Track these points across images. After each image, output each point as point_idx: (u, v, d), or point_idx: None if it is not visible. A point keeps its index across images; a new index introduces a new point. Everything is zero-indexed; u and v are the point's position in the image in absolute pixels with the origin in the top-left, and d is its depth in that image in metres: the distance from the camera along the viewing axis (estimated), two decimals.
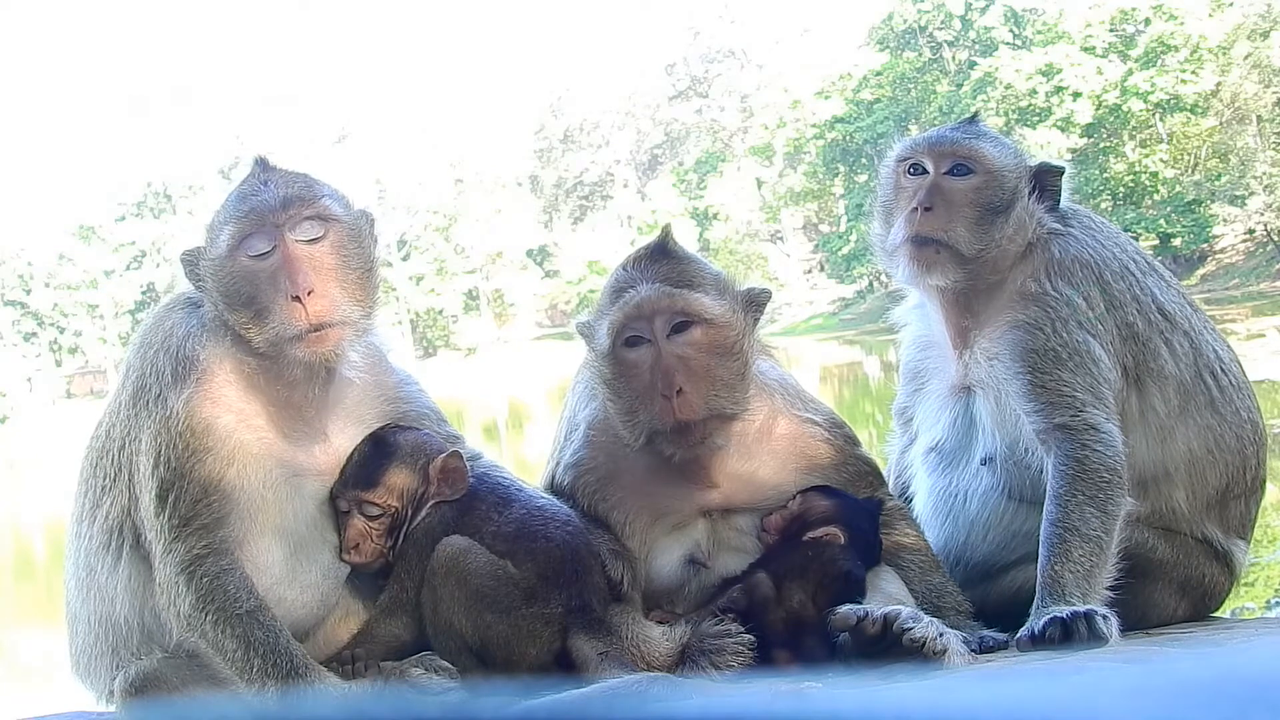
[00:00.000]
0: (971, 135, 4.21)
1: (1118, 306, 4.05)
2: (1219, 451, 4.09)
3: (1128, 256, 4.16)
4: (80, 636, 3.81)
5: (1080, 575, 3.72)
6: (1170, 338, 4.09)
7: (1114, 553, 3.81)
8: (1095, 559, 3.76)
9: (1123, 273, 4.10)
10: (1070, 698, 1.43)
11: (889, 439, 4.64)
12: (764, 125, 73.36)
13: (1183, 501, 4.07)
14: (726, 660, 3.51)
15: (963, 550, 4.20)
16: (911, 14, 66.42)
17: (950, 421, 4.22)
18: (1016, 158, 4.20)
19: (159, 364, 3.62)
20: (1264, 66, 52.16)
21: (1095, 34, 56.34)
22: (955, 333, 4.21)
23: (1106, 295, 4.05)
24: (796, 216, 73.51)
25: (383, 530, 3.70)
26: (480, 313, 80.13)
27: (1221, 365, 4.16)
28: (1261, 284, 47.81)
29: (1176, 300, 4.19)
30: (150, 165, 79.59)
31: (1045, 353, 3.95)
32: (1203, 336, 4.17)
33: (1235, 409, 4.13)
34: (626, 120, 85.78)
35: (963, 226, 4.07)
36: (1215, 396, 4.10)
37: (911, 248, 4.10)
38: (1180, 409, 4.06)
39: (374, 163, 77.11)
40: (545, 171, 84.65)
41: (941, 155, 4.15)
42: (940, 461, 4.26)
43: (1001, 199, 4.09)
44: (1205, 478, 4.08)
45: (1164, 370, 4.06)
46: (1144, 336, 4.06)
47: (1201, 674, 1.44)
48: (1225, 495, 4.13)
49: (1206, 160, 54.54)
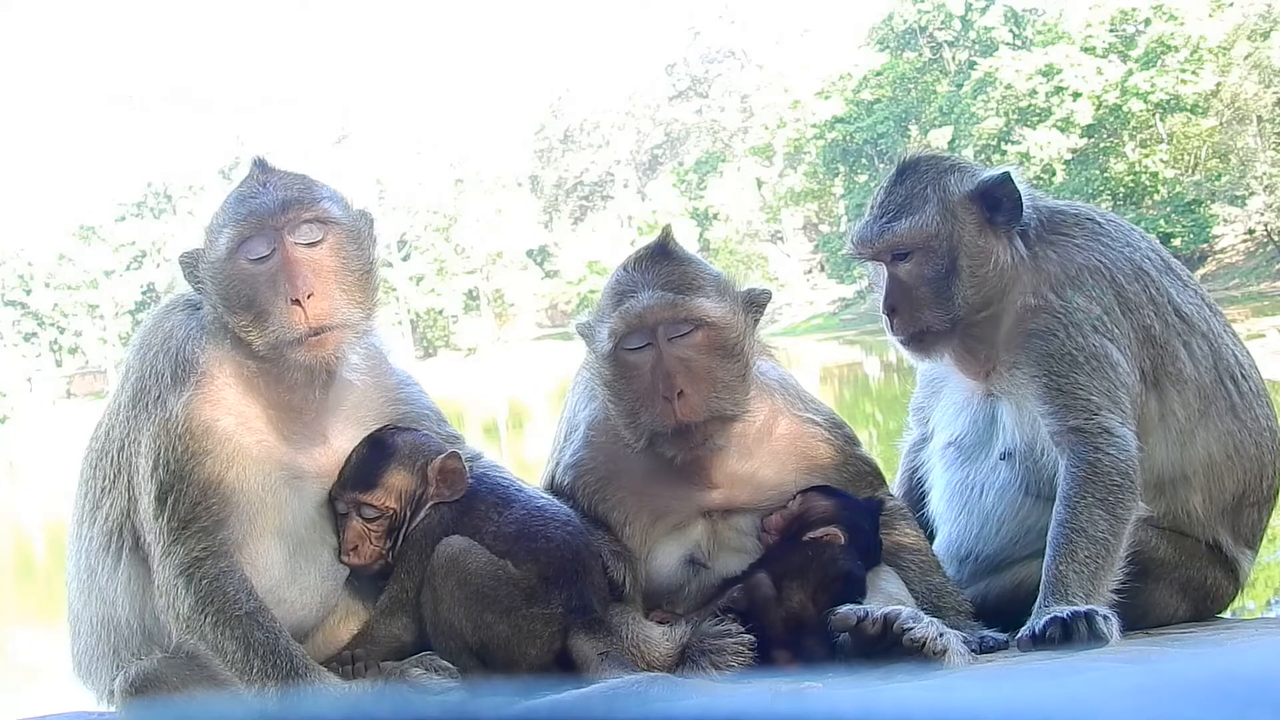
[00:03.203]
0: (892, 214, 4.11)
1: (1133, 310, 4.02)
2: (1238, 458, 4.07)
3: (1141, 256, 4.11)
4: (81, 637, 3.81)
5: (1085, 576, 3.72)
6: (1189, 340, 4.06)
7: (1121, 556, 3.80)
8: (1101, 561, 3.75)
9: (1136, 275, 4.07)
10: (1070, 698, 1.43)
11: (905, 434, 4.64)
12: (764, 125, 73.36)
13: (1198, 505, 4.05)
14: (726, 660, 3.51)
15: (975, 543, 4.19)
16: (911, 14, 66.41)
17: (971, 418, 4.23)
18: (940, 209, 4.06)
19: (158, 366, 3.62)
20: (1264, 67, 52.12)
21: (1095, 34, 56.28)
22: (974, 369, 4.20)
23: (1121, 299, 4.02)
24: (796, 216, 73.47)
25: (382, 532, 3.70)
26: (480, 313, 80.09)
27: (1242, 371, 4.13)
28: (1261, 284, 47.76)
29: (1195, 302, 4.15)
30: (150, 165, 79.62)
31: (1061, 356, 3.94)
32: (1222, 340, 4.14)
33: (1255, 415, 4.10)
34: (626, 120, 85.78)
35: (927, 310, 4.07)
36: (1236, 402, 4.08)
37: (904, 349, 4.19)
38: (1200, 413, 4.04)
39: (374, 163, 77.14)
40: (545, 171, 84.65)
41: (879, 250, 4.14)
42: (959, 455, 4.27)
43: (942, 263, 4.04)
44: (1223, 483, 4.06)
45: (1183, 374, 4.03)
46: (1161, 339, 4.03)
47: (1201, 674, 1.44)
48: (1241, 502, 4.11)
49: (1206, 160, 54.50)
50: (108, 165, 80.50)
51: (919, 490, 4.44)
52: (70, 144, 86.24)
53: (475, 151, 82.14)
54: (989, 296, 4.05)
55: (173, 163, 79.05)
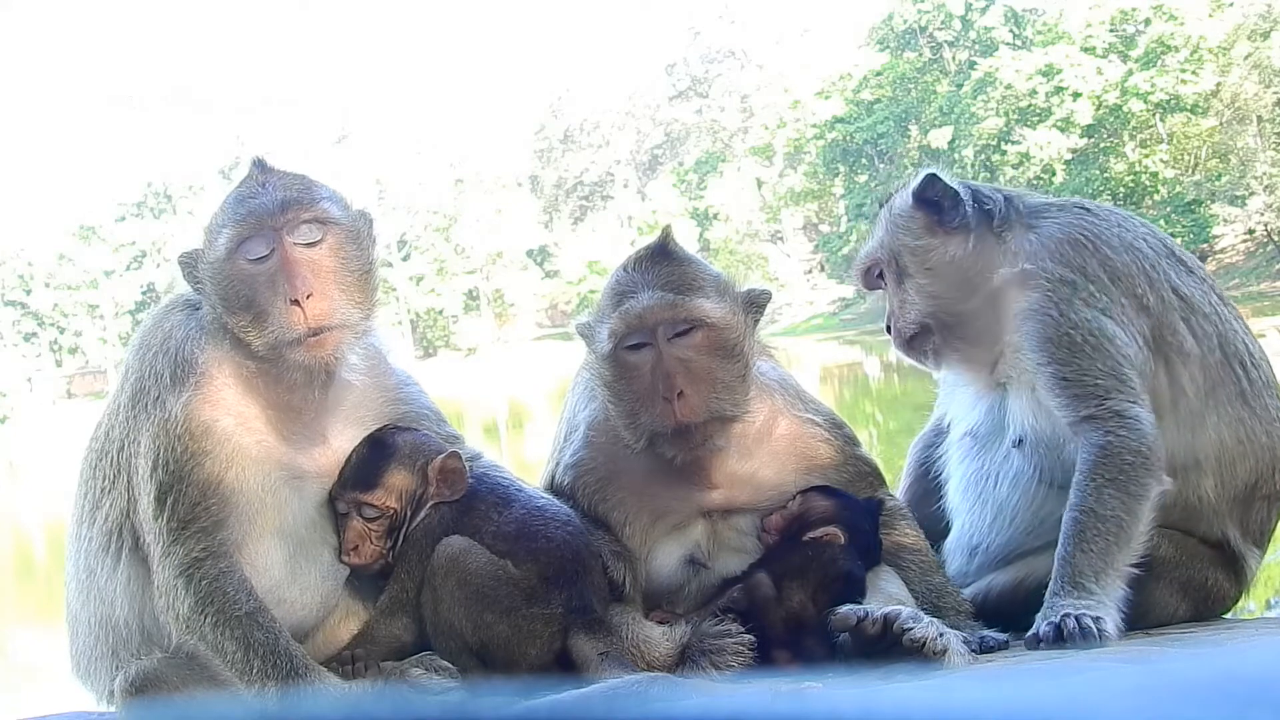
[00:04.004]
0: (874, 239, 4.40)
1: (1122, 278, 4.03)
2: (1249, 444, 4.05)
3: (1135, 237, 4.13)
4: (80, 638, 3.81)
5: (1094, 555, 3.71)
6: (1189, 318, 4.05)
7: (1141, 533, 3.78)
8: (1112, 539, 3.73)
9: (1125, 248, 4.08)
10: (1070, 698, 1.43)
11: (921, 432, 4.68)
12: (764, 125, 73.39)
13: (1210, 491, 4.02)
14: (726, 660, 3.51)
15: (987, 533, 4.19)
16: (911, 14, 66.42)
17: (986, 408, 4.24)
18: (888, 230, 4.32)
19: (158, 366, 3.62)
20: (1264, 67, 52.12)
21: (1095, 34, 56.31)
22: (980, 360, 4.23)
23: (1107, 268, 4.03)
24: (796, 216, 73.50)
25: (382, 531, 3.70)
26: (480, 313, 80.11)
27: (1252, 359, 4.12)
28: (1262, 284, 47.79)
29: (1199, 288, 4.13)
30: (150, 165, 79.67)
31: (1060, 341, 3.94)
32: (1230, 326, 4.12)
33: (1265, 405, 4.09)
34: (626, 120, 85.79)
35: (907, 316, 4.26)
36: (1245, 389, 4.06)
37: (905, 357, 4.39)
38: (1208, 392, 4.02)
39: (374, 163, 77.19)
40: (545, 171, 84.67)
41: (858, 282, 4.51)
42: (974, 445, 4.28)
43: (899, 272, 4.28)
44: (1235, 469, 4.04)
45: (1184, 347, 4.02)
46: (1156, 311, 4.02)
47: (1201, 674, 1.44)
48: (1253, 494, 4.08)
49: (1206, 160, 54.51)
50: (108, 165, 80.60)
51: (932, 485, 4.44)
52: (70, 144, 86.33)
53: (475, 151, 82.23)
54: (955, 288, 4.16)
55: (173, 163, 79.17)
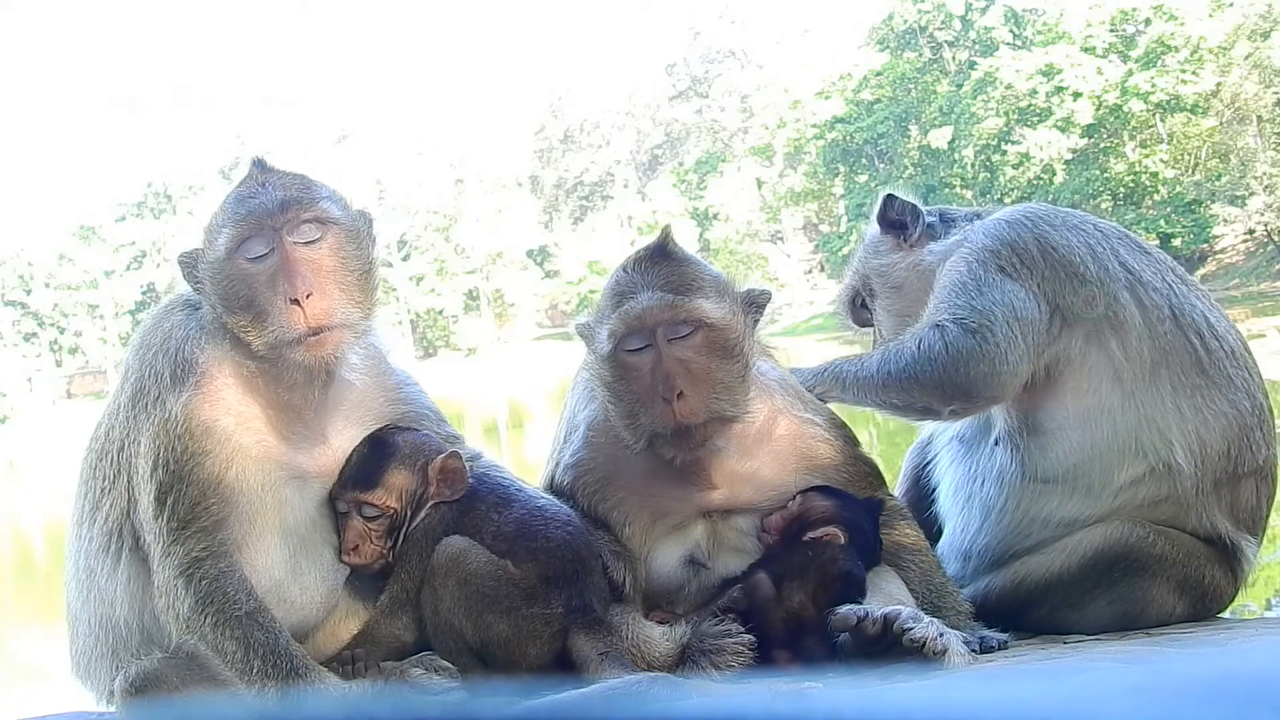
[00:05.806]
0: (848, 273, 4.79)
1: (1058, 249, 4.08)
2: (1209, 413, 4.02)
3: (1084, 221, 4.21)
4: (80, 638, 3.81)
5: (848, 386, 4.20)
6: (1135, 288, 4.07)
7: (874, 401, 4.21)
8: (852, 385, 4.20)
9: (1070, 228, 4.14)
10: (1070, 698, 1.43)
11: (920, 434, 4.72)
12: (764, 125, 73.32)
13: (1185, 464, 3.98)
14: (727, 660, 3.51)
15: (977, 535, 4.20)
16: (911, 14, 66.38)
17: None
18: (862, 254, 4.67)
19: (158, 366, 3.62)
20: (1264, 67, 52.09)
21: (1095, 34, 56.28)
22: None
23: (1042, 242, 4.10)
24: (796, 217, 73.48)
25: (382, 531, 3.70)
26: (480, 313, 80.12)
27: (1213, 331, 4.10)
28: (1262, 284, 47.74)
29: (1154, 267, 4.15)
30: (150, 165, 79.74)
31: (954, 286, 4.11)
32: (1187, 300, 4.12)
33: (1227, 375, 4.07)
34: (626, 120, 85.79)
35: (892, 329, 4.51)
36: (1202, 358, 4.05)
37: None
38: (1158, 361, 4.01)
39: (374, 163, 77.19)
40: (545, 171, 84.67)
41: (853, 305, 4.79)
42: (962, 449, 4.31)
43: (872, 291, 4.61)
44: (1202, 438, 4.01)
45: (1124, 315, 4.03)
46: (1096, 278, 4.05)
47: (1201, 674, 1.43)
48: (1235, 471, 4.05)
49: (1207, 160, 54.50)
50: (108, 165, 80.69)
51: (925, 489, 4.45)
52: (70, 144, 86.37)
53: (475, 151, 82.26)
54: (918, 296, 4.31)
55: (173, 163, 79.23)
